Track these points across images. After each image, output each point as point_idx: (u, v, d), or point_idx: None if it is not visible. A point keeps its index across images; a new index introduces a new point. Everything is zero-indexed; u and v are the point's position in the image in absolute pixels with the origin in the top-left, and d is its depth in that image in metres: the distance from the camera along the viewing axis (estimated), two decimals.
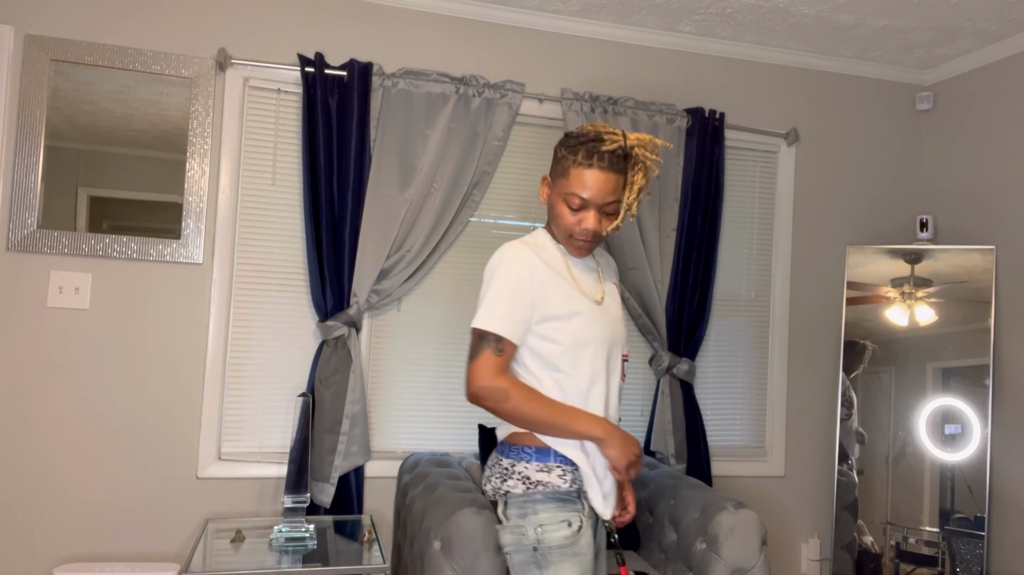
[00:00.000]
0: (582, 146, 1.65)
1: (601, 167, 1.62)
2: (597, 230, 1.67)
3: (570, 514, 1.63)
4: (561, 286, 1.68)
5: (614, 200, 1.66)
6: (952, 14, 2.92)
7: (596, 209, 1.66)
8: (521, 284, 1.65)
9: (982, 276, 3.05)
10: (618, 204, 1.68)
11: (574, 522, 1.63)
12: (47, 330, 2.61)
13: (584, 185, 1.64)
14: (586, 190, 1.64)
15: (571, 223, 1.68)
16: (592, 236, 1.69)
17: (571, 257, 1.77)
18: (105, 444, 2.65)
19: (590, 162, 1.63)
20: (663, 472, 2.79)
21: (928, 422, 3.08)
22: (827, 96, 3.45)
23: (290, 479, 2.50)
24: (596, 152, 1.63)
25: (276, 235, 2.84)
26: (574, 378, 1.67)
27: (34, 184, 2.59)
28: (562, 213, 1.69)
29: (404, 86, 2.84)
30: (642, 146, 1.68)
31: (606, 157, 1.63)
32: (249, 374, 2.81)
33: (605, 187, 1.63)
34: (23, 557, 2.57)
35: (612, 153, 1.63)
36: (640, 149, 1.68)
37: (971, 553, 2.93)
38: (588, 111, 3.02)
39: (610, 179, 1.64)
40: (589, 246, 1.72)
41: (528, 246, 1.71)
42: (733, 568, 2.27)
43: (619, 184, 1.66)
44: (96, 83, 2.65)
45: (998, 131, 3.17)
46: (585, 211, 1.66)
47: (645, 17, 3.07)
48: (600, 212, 1.67)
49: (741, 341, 3.33)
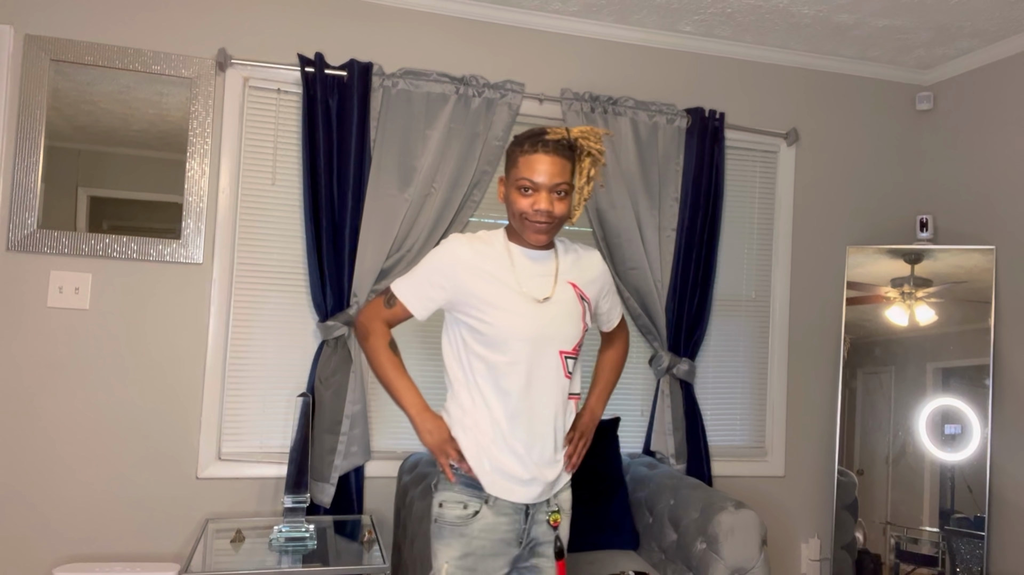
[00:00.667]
0: (528, 138, 1.77)
1: (546, 151, 1.73)
2: (550, 210, 1.75)
3: (469, 498, 1.78)
4: (491, 283, 1.78)
5: (563, 182, 1.75)
6: (952, 14, 2.92)
7: (547, 191, 1.75)
8: (437, 269, 1.80)
9: (982, 276, 3.05)
10: (569, 187, 1.77)
11: (471, 506, 1.77)
12: (47, 330, 2.61)
13: (532, 169, 1.74)
14: (535, 173, 1.74)
15: (525, 207, 1.76)
16: (547, 217, 1.75)
17: (521, 255, 1.83)
18: (105, 444, 2.65)
19: (535, 148, 1.74)
20: (663, 472, 2.79)
21: (928, 422, 3.08)
22: (827, 96, 3.46)
23: (290, 479, 2.50)
24: (541, 140, 1.74)
25: (276, 235, 2.84)
26: (498, 364, 1.77)
27: (34, 184, 2.59)
28: (516, 200, 1.77)
29: (404, 86, 2.84)
30: (585, 137, 1.80)
31: (550, 144, 1.74)
32: (249, 374, 2.81)
33: (552, 169, 1.73)
34: (23, 557, 2.57)
35: (556, 142, 1.75)
36: (584, 140, 1.79)
37: (971, 553, 2.93)
38: (588, 111, 3.02)
39: (556, 162, 1.74)
40: (546, 228, 1.77)
41: (470, 239, 1.83)
42: (733, 568, 2.27)
43: (567, 168, 1.76)
44: (96, 83, 2.65)
45: (998, 131, 3.17)
46: (536, 194, 1.75)
47: (645, 17, 3.07)
48: (551, 193, 1.75)
49: (741, 341, 3.33)
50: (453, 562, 1.75)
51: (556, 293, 1.83)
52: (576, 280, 1.87)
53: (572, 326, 1.82)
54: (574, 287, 1.86)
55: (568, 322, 1.82)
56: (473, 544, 1.76)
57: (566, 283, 1.85)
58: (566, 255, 1.90)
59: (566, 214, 1.79)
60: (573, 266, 1.89)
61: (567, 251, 1.91)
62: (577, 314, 1.84)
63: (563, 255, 1.89)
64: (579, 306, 1.85)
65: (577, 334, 1.84)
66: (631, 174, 3.04)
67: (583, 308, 1.86)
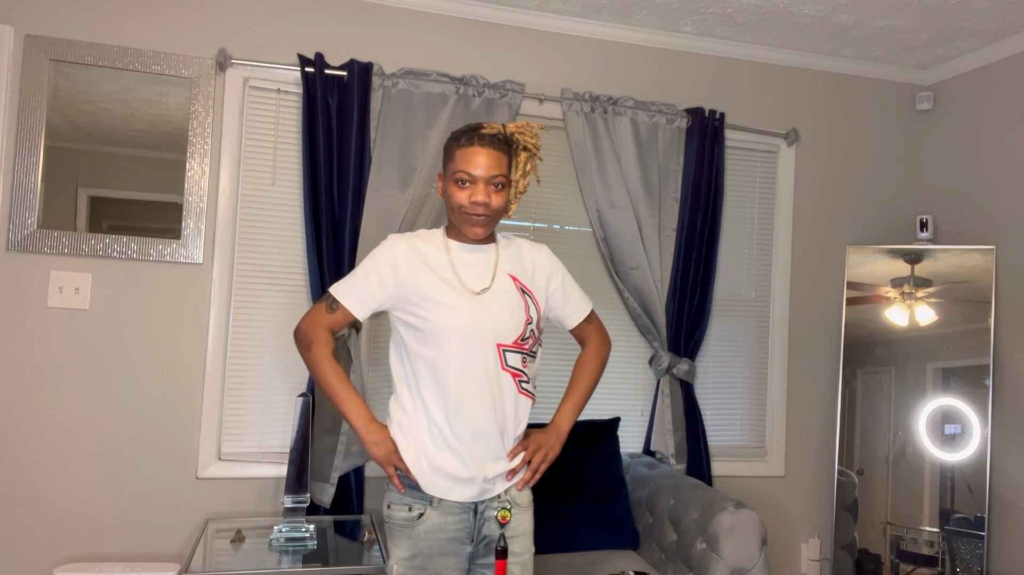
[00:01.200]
0: (464, 133, 1.79)
1: (481, 144, 1.76)
2: (487, 201, 1.76)
3: (413, 501, 1.80)
4: (428, 277, 1.79)
5: (499, 174, 1.77)
6: (952, 14, 2.92)
7: (484, 183, 1.76)
8: (377, 267, 1.81)
9: (982, 276, 3.05)
10: (505, 179, 1.79)
11: (415, 508, 1.80)
12: (47, 330, 2.61)
13: (468, 162, 1.76)
14: (471, 166, 1.76)
15: (462, 199, 1.77)
16: (484, 209, 1.77)
17: (459, 248, 1.84)
18: (105, 444, 2.65)
19: (472, 142, 1.76)
20: (663, 472, 2.79)
21: (928, 422, 3.08)
22: (827, 96, 3.45)
23: (290, 479, 2.50)
24: (477, 134, 1.77)
25: (276, 235, 2.84)
26: (436, 361, 1.78)
27: (34, 184, 2.59)
28: (453, 193, 1.79)
29: (404, 86, 2.84)
30: (521, 132, 1.83)
31: (486, 137, 1.76)
32: (249, 374, 2.81)
33: (488, 161, 1.75)
34: (23, 557, 2.57)
35: (492, 135, 1.77)
36: (520, 135, 1.82)
37: (971, 553, 2.93)
38: (588, 111, 3.03)
39: (492, 154, 1.76)
40: (483, 221, 1.78)
41: (407, 236, 1.86)
42: (733, 568, 2.27)
43: (503, 161, 1.78)
44: (96, 83, 2.65)
45: (998, 131, 3.17)
46: (474, 186, 1.77)
47: (645, 17, 3.07)
48: (488, 186, 1.76)
49: (741, 341, 3.33)
50: (402, 562, 1.79)
51: (494, 285, 1.82)
52: (516, 272, 1.87)
53: (511, 318, 1.81)
54: (513, 279, 1.85)
55: (507, 314, 1.80)
56: (420, 545, 1.78)
57: (505, 275, 1.85)
58: (507, 248, 1.90)
59: (503, 207, 1.80)
60: (513, 259, 1.88)
61: (508, 245, 1.91)
62: (518, 306, 1.82)
63: (503, 248, 1.90)
64: (520, 299, 1.84)
65: (517, 326, 1.81)
66: (631, 174, 3.04)
67: (525, 301, 1.84)
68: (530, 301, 1.86)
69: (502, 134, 1.79)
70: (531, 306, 1.85)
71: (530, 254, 1.92)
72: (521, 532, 1.86)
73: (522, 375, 1.83)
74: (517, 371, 1.82)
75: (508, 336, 1.80)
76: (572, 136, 3.02)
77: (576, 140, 3.02)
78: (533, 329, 1.86)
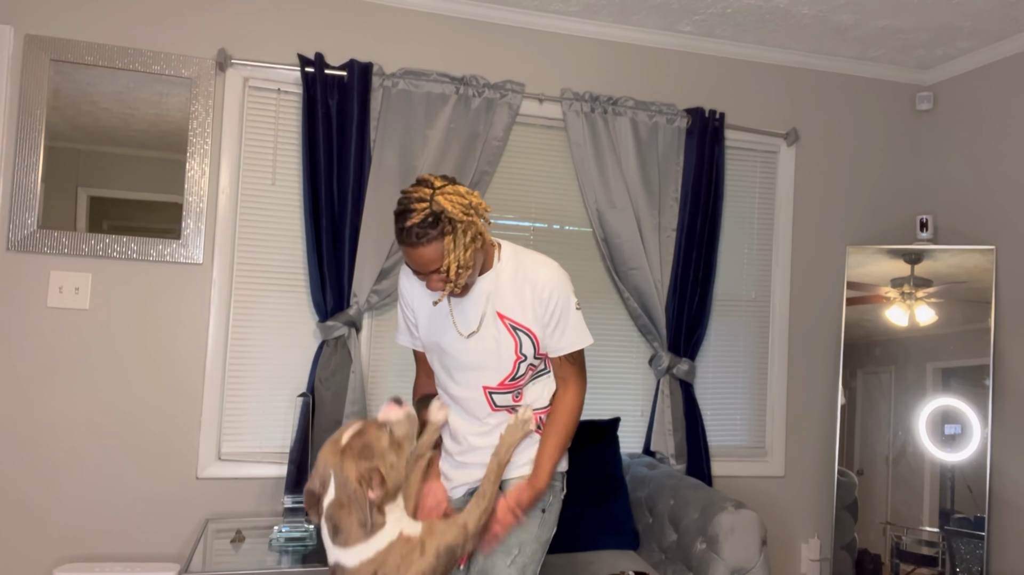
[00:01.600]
0: (396, 220, 1.68)
1: (410, 243, 1.66)
2: (440, 288, 1.72)
3: None
4: (426, 310, 1.87)
5: (438, 267, 1.68)
6: (952, 14, 2.92)
7: (429, 274, 1.71)
8: (400, 304, 1.95)
9: (982, 276, 3.05)
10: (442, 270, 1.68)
11: None
12: (47, 330, 2.61)
13: (407, 258, 1.70)
14: (411, 262, 1.70)
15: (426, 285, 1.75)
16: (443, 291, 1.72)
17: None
18: (105, 444, 2.65)
19: (401, 239, 1.68)
20: (663, 472, 2.79)
21: (928, 422, 3.08)
22: (827, 96, 3.45)
23: (290, 479, 2.50)
24: (404, 229, 1.65)
25: (276, 235, 2.84)
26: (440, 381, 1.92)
27: (34, 184, 2.59)
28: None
29: (404, 86, 2.84)
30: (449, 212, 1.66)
31: (413, 232, 1.64)
32: (249, 374, 2.81)
33: (422, 259, 1.67)
34: (23, 557, 2.57)
35: (419, 225, 1.64)
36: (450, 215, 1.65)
37: (971, 553, 2.93)
38: (588, 111, 3.02)
39: (423, 252, 1.66)
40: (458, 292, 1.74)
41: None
42: (733, 568, 2.27)
43: (437, 249, 1.66)
44: (96, 83, 2.65)
45: (998, 131, 3.17)
46: (424, 276, 1.72)
47: (645, 17, 3.07)
48: (433, 275, 1.71)
49: (741, 341, 3.33)
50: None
51: (481, 329, 1.79)
52: (505, 310, 1.79)
53: (495, 364, 1.78)
54: (502, 318, 1.79)
55: (491, 360, 1.78)
56: None
57: (494, 315, 1.79)
58: (503, 277, 1.81)
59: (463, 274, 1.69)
60: (508, 290, 1.80)
61: (512, 270, 1.81)
62: (507, 348, 1.78)
63: (499, 276, 1.81)
64: (510, 339, 1.79)
65: (502, 370, 1.79)
66: (631, 174, 3.04)
67: (516, 340, 1.78)
68: (524, 337, 1.79)
69: (430, 215, 1.64)
70: (525, 342, 1.79)
71: (525, 283, 1.80)
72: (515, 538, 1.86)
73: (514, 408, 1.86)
74: (509, 407, 1.85)
75: (492, 379, 1.80)
76: (572, 136, 3.02)
77: (576, 140, 3.02)
78: (531, 362, 1.82)
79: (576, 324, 1.84)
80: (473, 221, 1.69)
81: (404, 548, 1.52)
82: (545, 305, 1.80)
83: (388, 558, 1.50)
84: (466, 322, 1.80)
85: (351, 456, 1.48)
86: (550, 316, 1.80)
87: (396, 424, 1.59)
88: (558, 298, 1.80)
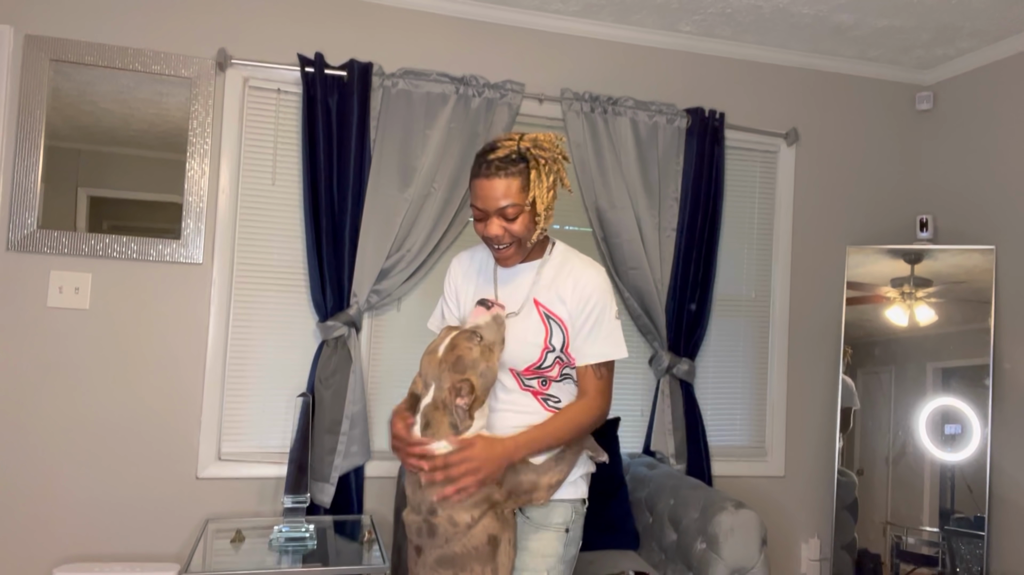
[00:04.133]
0: (476, 159, 1.72)
1: (487, 175, 1.68)
2: (499, 235, 1.71)
3: None
4: (472, 290, 1.87)
5: (509, 204, 1.68)
6: (952, 14, 2.92)
7: (496, 215, 1.70)
8: (446, 284, 1.96)
9: (982, 276, 3.05)
10: (519, 207, 1.69)
11: None
12: (47, 330, 2.61)
13: (476, 195, 1.71)
14: (478, 199, 1.70)
15: (480, 231, 1.75)
16: (498, 241, 1.72)
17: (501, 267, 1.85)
18: (105, 444, 2.65)
19: (478, 172, 1.70)
20: (663, 472, 2.79)
21: (928, 422, 3.08)
22: (827, 96, 3.45)
23: (290, 479, 2.50)
24: (484, 161, 1.69)
25: (276, 235, 2.84)
26: None
27: (34, 184, 2.59)
28: (475, 224, 1.77)
29: (404, 86, 2.84)
30: (537, 146, 1.71)
31: (493, 164, 1.67)
32: (249, 374, 2.81)
33: (494, 193, 1.67)
34: (23, 557, 2.57)
35: (501, 159, 1.67)
36: (536, 149, 1.71)
37: (971, 553, 2.93)
38: (588, 111, 3.02)
39: (497, 185, 1.67)
40: (507, 251, 1.74)
41: (470, 251, 1.94)
42: (733, 568, 2.27)
43: (511, 187, 1.68)
44: (96, 83, 2.65)
45: (998, 131, 3.17)
46: (487, 219, 1.72)
47: (645, 17, 3.07)
48: (500, 217, 1.70)
49: (741, 341, 3.33)
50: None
51: (522, 311, 1.79)
52: (542, 298, 1.78)
53: (524, 349, 1.76)
54: (538, 306, 1.78)
55: (521, 344, 1.76)
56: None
57: (531, 300, 1.79)
58: (549, 268, 1.81)
59: (526, 231, 1.70)
60: (550, 282, 1.80)
61: (559, 264, 1.81)
62: (537, 336, 1.76)
63: (546, 266, 1.81)
64: (542, 327, 1.76)
65: (530, 355, 1.76)
66: (631, 174, 3.04)
67: (547, 328, 1.76)
68: (556, 327, 1.76)
69: (515, 152, 1.68)
70: (556, 333, 1.76)
71: (568, 278, 1.78)
72: (521, 547, 1.77)
73: (545, 394, 1.80)
74: (537, 391, 1.80)
75: (519, 364, 1.78)
76: (572, 136, 3.02)
77: (576, 140, 3.02)
78: (559, 355, 1.77)
79: (611, 333, 1.78)
80: (558, 160, 1.73)
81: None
82: (584, 303, 1.76)
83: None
84: (511, 302, 1.81)
85: (447, 368, 1.65)
86: (586, 316, 1.76)
87: (484, 328, 1.70)
88: (598, 299, 1.76)
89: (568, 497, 1.82)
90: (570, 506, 1.82)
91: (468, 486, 1.61)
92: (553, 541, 1.79)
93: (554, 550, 1.79)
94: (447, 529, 1.65)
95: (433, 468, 1.62)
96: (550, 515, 1.80)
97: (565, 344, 1.78)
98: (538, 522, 1.80)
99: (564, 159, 1.76)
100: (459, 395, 1.63)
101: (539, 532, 1.79)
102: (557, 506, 1.81)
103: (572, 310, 1.77)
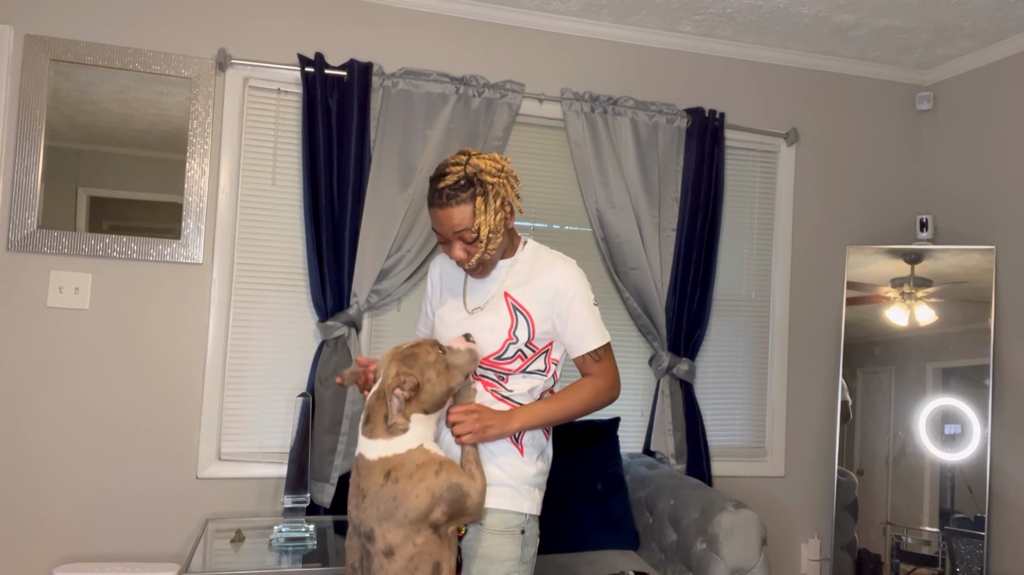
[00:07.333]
0: (430, 185, 1.77)
1: (439, 204, 1.73)
2: (463, 258, 1.78)
3: None
4: (445, 290, 1.96)
5: (464, 229, 1.73)
6: (952, 14, 2.92)
7: (454, 239, 1.76)
8: (428, 280, 2.04)
9: (982, 276, 3.05)
10: (472, 232, 1.73)
11: None
12: (47, 330, 2.61)
13: (433, 221, 1.78)
14: (436, 225, 1.78)
15: (447, 252, 1.82)
16: (462, 262, 1.78)
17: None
18: (105, 444, 2.65)
19: (432, 200, 1.76)
20: (663, 472, 2.79)
21: (928, 422, 3.08)
22: (827, 96, 3.45)
23: (290, 479, 2.50)
24: (436, 190, 1.74)
25: (276, 235, 2.84)
26: None
27: (34, 184, 2.59)
28: (441, 246, 1.86)
29: (404, 86, 2.84)
30: (482, 172, 1.74)
31: (444, 193, 1.72)
32: (249, 374, 2.81)
33: (449, 221, 1.73)
34: (23, 557, 2.57)
35: (451, 187, 1.72)
36: (482, 174, 1.73)
37: (971, 553, 2.93)
38: (588, 111, 3.03)
39: (450, 214, 1.73)
40: (476, 271, 1.82)
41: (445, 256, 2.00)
42: (733, 568, 2.27)
43: (464, 214, 1.73)
44: (96, 83, 2.65)
45: (998, 131, 3.17)
46: (449, 242, 1.78)
47: (645, 17, 3.07)
48: (458, 240, 1.76)
49: (741, 341, 3.33)
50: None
51: (488, 304, 1.84)
52: (513, 291, 1.83)
53: (485, 336, 1.80)
54: (506, 297, 1.82)
55: (486, 331, 1.80)
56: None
57: (501, 294, 1.83)
58: (521, 265, 1.86)
59: (488, 250, 1.74)
60: (522, 278, 1.84)
61: (530, 260, 1.86)
62: (501, 326, 1.79)
63: (518, 264, 1.87)
64: (508, 318, 1.80)
65: (490, 346, 1.79)
66: (631, 174, 3.04)
67: (512, 321, 1.79)
68: (521, 319, 1.80)
69: (463, 178, 1.71)
70: (520, 324, 1.80)
71: (541, 273, 1.83)
72: (476, 555, 1.76)
73: (497, 386, 1.80)
74: (489, 381, 1.80)
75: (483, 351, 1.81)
76: (572, 136, 3.02)
77: (576, 140, 3.02)
78: (521, 349, 1.80)
79: (592, 323, 1.82)
80: (504, 184, 1.76)
81: (422, 458, 1.63)
82: (560, 295, 1.80)
83: (404, 463, 1.62)
84: (474, 300, 1.87)
85: (397, 359, 1.67)
86: (566, 307, 1.80)
87: (454, 352, 1.71)
88: (575, 291, 1.80)
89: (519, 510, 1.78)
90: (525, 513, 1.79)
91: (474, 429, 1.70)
92: (509, 543, 1.77)
93: (511, 553, 1.77)
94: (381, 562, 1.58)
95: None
96: (504, 520, 1.77)
97: (530, 336, 1.81)
98: (491, 527, 1.77)
99: (514, 179, 1.79)
100: (399, 387, 1.62)
101: (494, 537, 1.76)
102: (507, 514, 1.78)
103: (544, 302, 1.81)
